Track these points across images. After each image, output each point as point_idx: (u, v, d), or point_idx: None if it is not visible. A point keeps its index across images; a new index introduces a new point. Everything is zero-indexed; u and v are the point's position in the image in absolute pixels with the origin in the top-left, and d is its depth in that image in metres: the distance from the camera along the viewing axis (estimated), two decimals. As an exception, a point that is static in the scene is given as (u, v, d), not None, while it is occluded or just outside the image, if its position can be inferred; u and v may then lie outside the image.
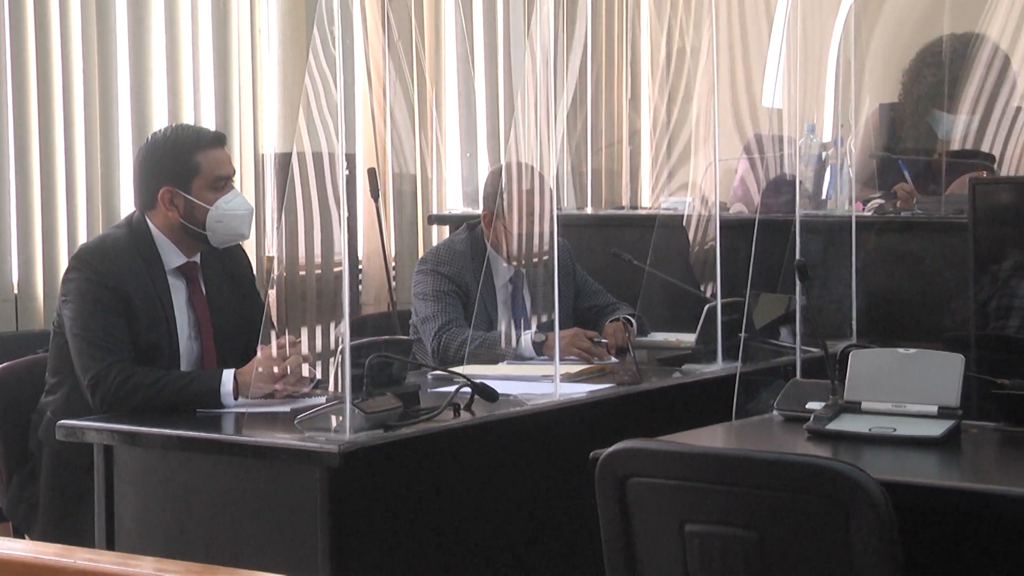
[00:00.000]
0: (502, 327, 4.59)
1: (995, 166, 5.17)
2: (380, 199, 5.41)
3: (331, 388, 3.66)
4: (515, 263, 4.63)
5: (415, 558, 3.52)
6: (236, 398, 3.71)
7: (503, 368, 4.29)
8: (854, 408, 3.28)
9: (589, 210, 6.39)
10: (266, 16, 5.61)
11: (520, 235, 4.56)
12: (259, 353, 3.68)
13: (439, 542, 3.59)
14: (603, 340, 4.46)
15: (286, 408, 3.63)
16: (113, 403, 3.71)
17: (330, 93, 3.50)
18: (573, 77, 5.83)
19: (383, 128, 5.92)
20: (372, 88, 5.86)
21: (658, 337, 4.71)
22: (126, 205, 4.99)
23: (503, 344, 4.52)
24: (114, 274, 3.81)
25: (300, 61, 5.12)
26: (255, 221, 4.41)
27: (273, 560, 3.25)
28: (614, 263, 4.97)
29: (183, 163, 3.90)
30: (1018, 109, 5.29)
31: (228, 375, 3.73)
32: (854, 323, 4.00)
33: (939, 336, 4.09)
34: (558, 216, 4.47)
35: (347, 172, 3.59)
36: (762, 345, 4.21)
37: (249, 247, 4.64)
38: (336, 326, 3.52)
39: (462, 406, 3.69)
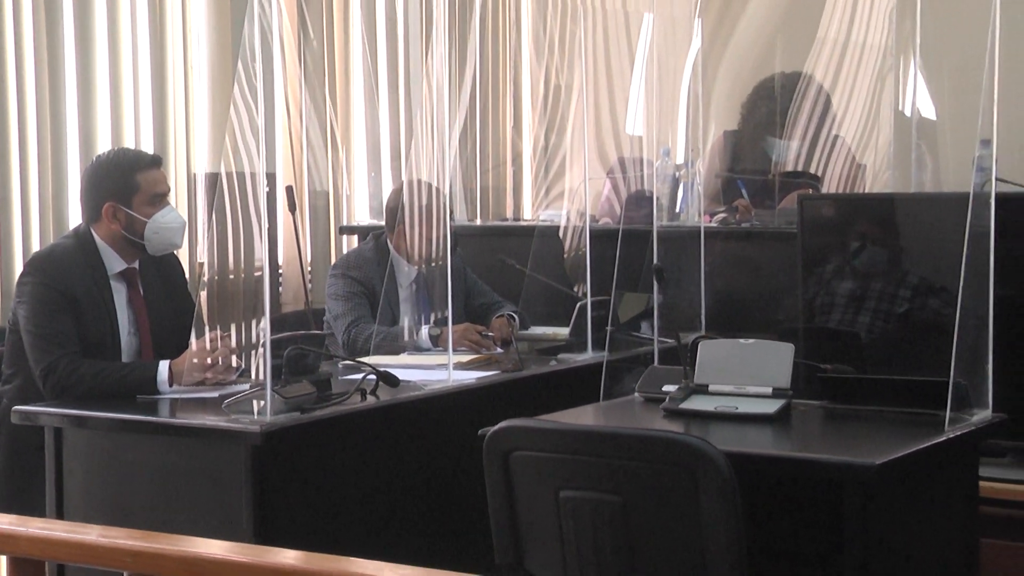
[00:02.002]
0: (404, 323, 4.58)
1: (819, 185, 5.24)
2: (297, 212, 5.36)
3: (254, 376, 3.64)
4: (415, 267, 4.62)
5: (328, 524, 3.50)
6: (171, 385, 3.68)
7: (404, 358, 4.28)
8: (702, 390, 3.31)
9: (479, 221, 6.38)
10: (197, 52, 5.54)
11: (419, 243, 4.55)
12: (191, 346, 3.65)
13: (349, 510, 3.57)
14: (490, 333, 4.46)
15: (215, 394, 3.60)
16: (62, 391, 3.66)
17: (253, 120, 3.47)
18: (464, 106, 5.83)
19: (300, 150, 5.87)
20: (290, 115, 5.81)
21: (537, 331, 4.71)
22: (74, 218, 4.91)
23: (404, 337, 4.52)
24: (63, 278, 3.76)
25: (227, 92, 5.06)
26: (187, 232, 4.36)
27: (204, 526, 3.21)
28: (500, 267, 4.96)
29: (124, 182, 3.86)
30: (837, 137, 5.36)
31: (164, 365, 3.69)
32: (703, 318, 4.03)
33: (773, 328, 4.13)
34: (451, 226, 4.47)
35: (268, 189, 3.56)
36: (625, 337, 4.22)
37: (182, 255, 4.58)
38: (258, 323, 3.50)
39: (368, 391, 3.69)
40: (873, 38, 5.27)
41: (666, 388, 3.38)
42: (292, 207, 5.39)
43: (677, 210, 5.01)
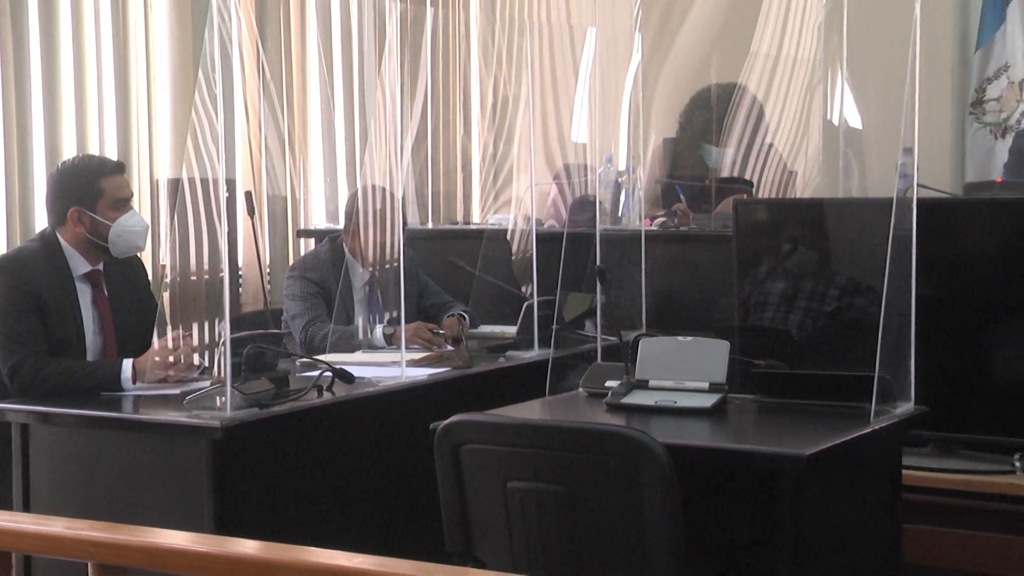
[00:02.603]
0: (358, 322, 4.57)
1: (753, 190, 5.27)
2: (256, 216, 5.33)
3: (215, 373, 3.61)
4: (369, 269, 4.61)
5: (287, 514, 3.49)
6: (134, 383, 3.65)
7: (359, 356, 4.27)
8: (643, 385, 3.32)
9: (430, 225, 6.37)
10: (159, 62, 5.51)
11: (373, 246, 4.55)
12: (154, 345, 3.63)
13: (306, 501, 3.56)
14: (441, 332, 4.46)
15: (177, 391, 3.58)
16: (29, 388, 3.63)
17: (213, 127, 3.45)
18: (417, 115, 5.83)
19: (258, 156, 5.84)
20: (249, 122, 5.78)
21: (486, 329, 4.71)
22: (40, 222, 4.86)
23: (359, 336, 4.51)
24: (29, 280, 3.73)
25: (188, 100, 5.03)
26: (150, 235, 4.33)
27: (166, 518, 3.19)
28: (451, 268, 4.96)
29: (89, 187, 3.83)
30: (770, 145, 5.39)
31: (127, 363, 3.67)
32: (643, 316, 4.04)
33: (710, 326, 4.13)
34: (404, 230, 4.47)
35: (227, 194, 3.54)
36: (570, 335, 4.23)
37: (145, 257, 4.54)
38: (219, 322, 3.47)
39: (325, 387, 3.67)
40: (803, 52, 5.31)
41: (609, 383, 3.38)
42: (251, 211, 5.36)
43: (619, 214, 5.02)
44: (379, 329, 4.50)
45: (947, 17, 5.90)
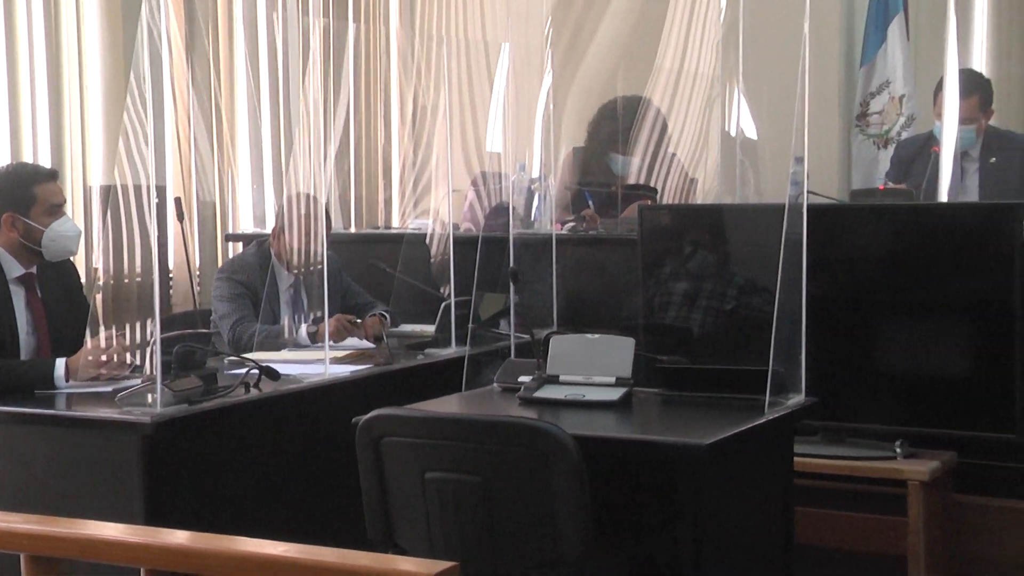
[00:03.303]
0: (284, 322, 4.53)
1: (657, 196, 5.30)
2: (185, 221, 5.28)
3: (146, 371, 3.57)
4: (294, 272, 4.58)
5: (216, 506, 3.45)
6: (67, 381, 3.59)
7: (284, 354, 4.23)
8: (553, 380, 3.31)
9: (353, 229, 6.34)
10: (91, 70, 5.42)
11: (298, 250, 4.52)
12: (87, 344, 3.58)
13: (235, 493, 3.52)
14: (359, 321, 4.46)
15: (109, 388, 3.52)
16: None
17: (144, 134, 3.41)
18: (340, 125, 5.80)
19: (188, 163, 5.78)
20: (179, 130, 5.72)
21: (406, 328, 4.69)
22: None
23: (285, 335, 4.47)
24: None
25: (120, 108, 4.96)
26: (83, 240, 4.27)
27: (99, 511, 3.12)
28: (373, 271, 4.94)
29: (23, 194, 3.77)
30: (673, 155, 5.43)
31: (60, 362, 3.61)
32: (555, 315, 4.05)
33: (617, 324, 4.16)
34: (328, 234, 4.44)
35: (157, 200, 3.50)
36: (485, 333, 4.22)
37: (78, 261, 4.47)
38: (150, 322, 3.43)
39: (252, 384, 3.64)
40: (703, 67, 5.36)
41: (521, 379, 3.37)
42: (180, 216, 5.31)
43: (532, 219, 5.03)
44: (304, 328, 4.47)
45: (834, 37, 5.99)
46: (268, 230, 4.78)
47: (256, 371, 3.66)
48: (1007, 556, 4.07)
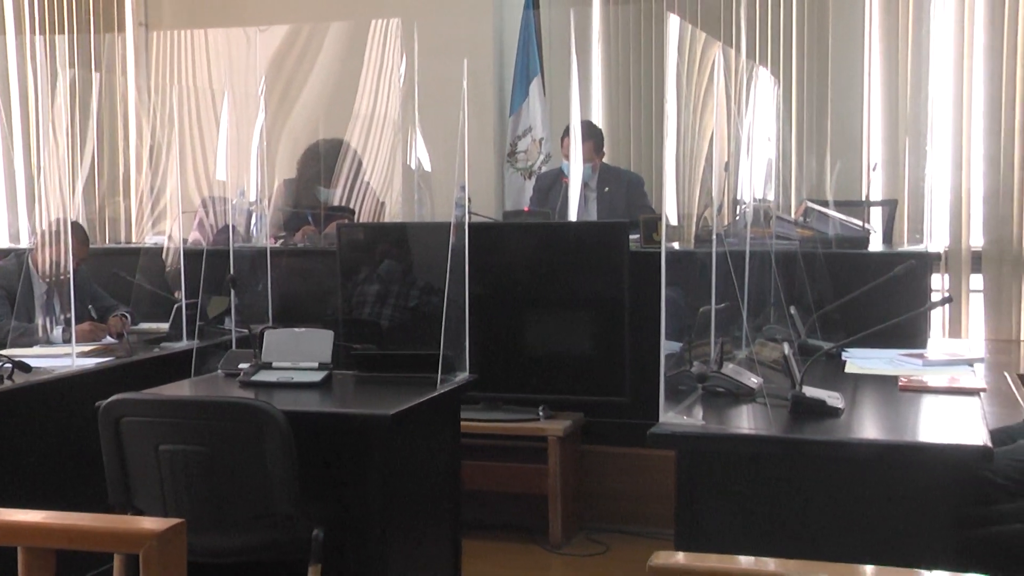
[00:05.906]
0: (39, 322, 4.24)
1: (354, 216, 5.30)
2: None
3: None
4: (46, 281, 4.29)
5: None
6: None
7: (37, 350, 3.96)
8: (268, 366, 3.27)
9: (99, 244, 5.98)
10: None
11: (51, 263, 4.24)
12: None
13: (-10, 472, 3.26)
14: (104, 327, 4.25)
15: None
16: None
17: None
18: (89, 155, 5.48)
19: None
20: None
21: (145, 326, 4.49)
22: None
23: (39, 333, 4.18)
24: None
25: None
26: None
27: None
28: (116, 278, 4.70)
29: None
30: (367, 183, 5.42)
31: None
32: (270, 313, 3.98)
33: (321, 320, 4.14)
34: (87, 250, 4.20)
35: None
36: (211, 329, 4.10)
37: None
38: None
39: (6, 376, 3.37)
40: (390, 113, 5.38)
41: (241, 366, 3.31)
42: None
43: (251, 235, 4.91)
44: (58, 330, 4.20)
45: (489, 91, 6.16)
46: (22, 245, 4.44)
47: (9, 364, 3.39)
48: (623, 490, 4.31)
